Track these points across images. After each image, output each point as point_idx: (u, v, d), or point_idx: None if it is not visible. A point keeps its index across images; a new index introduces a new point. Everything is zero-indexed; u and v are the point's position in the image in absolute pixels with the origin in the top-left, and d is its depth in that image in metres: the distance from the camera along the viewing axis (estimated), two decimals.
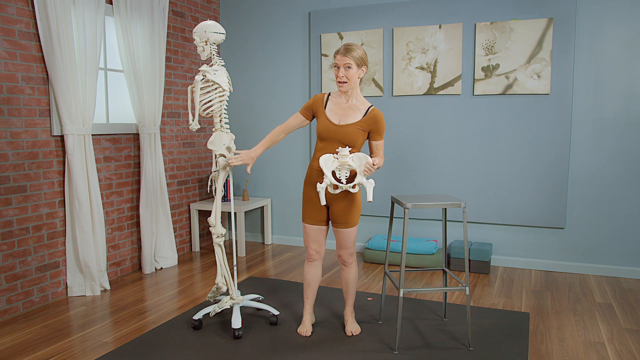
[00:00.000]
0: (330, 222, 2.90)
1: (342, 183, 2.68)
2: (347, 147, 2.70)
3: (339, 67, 2.69)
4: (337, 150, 2.71)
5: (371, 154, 2.82)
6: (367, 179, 2.59)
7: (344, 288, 2.98)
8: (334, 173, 2.72)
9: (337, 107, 2.79)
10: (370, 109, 2.74)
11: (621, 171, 3.99)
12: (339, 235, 2.84)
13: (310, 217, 2.86)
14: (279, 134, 2.89)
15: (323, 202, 2.59)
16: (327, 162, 2.65)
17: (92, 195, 3.67)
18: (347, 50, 2.67)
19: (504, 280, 3.99)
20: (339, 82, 2.70)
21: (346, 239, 2.83)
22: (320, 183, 2.64)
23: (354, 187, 2.66)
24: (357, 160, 2.63)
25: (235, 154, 3.22)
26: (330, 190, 2.66)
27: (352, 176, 2.72)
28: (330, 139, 2.74)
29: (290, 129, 2.90)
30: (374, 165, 2.54)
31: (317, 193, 2.80)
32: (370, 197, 2.53)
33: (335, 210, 2.80)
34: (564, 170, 4.11)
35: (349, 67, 2.67)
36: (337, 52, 2.70)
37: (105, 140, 3.96)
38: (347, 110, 2.76)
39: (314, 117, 2.87)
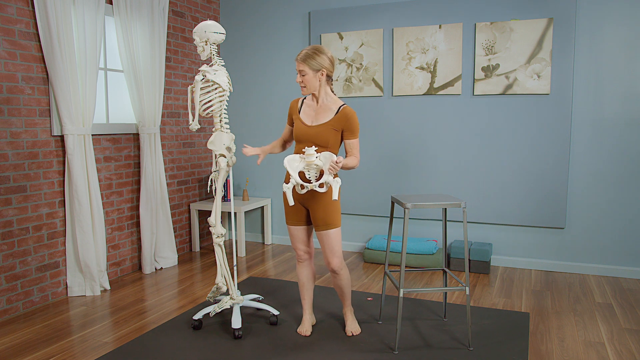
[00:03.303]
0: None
1: (310, 183, 2.68)
2: (314, 146, 2.68)
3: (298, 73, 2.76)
4: (303, 150, 2.72)
5: (346, 154, 2.82)
6: (333, 177, 2.59)
7: (338, 292, 2.97)
8: (303, 173, 2.73)
9: (309, 109, 2.82)
10: (342, 107, 2.74)
11: (621, 171, 3.99)
12: (322, 239, 2.79)
13: (290, 219, 2.87)
14: (278, 144, 3.05)
15: (291, 202, 2.56)
16: (292, 163, 2.64)
17: (92, 195, 3.67)
18: (301, 57, 2.70)
19: (504, 280, 3.99)
20: (301, 87, 2.78)
21: (329, 241, 2.77)
22: (287, 184, 2.63)
23: (320, 186, 2.65)
24: (323, 159, 2.61)
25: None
26: (298, 190, 2.65)
27: (322, 175, 2.69)
28: (304, 140, 2.77)
29: (286, 140, 3.04)
30: (337, 163, 2.53)
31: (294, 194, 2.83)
32: (335, 196, 2.52)
33: (313, 212, 2.78)
34: (564, 170, 4.11)
35: (304, 74, 2.71)
36: (296, 58, 2.74)
37: (105, 140, 3.96)
38: (318, 111, 2.78)
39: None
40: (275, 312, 3.12)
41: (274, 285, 3.87)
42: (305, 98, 2.88)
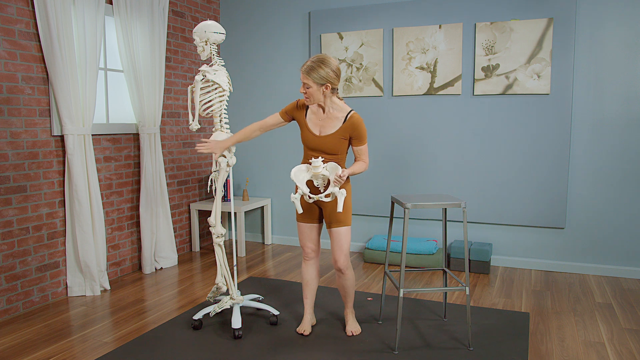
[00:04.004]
0: (325, 223, 2.92)
1: (318, 190, 2.78)
2: (320, 157, 2.73)
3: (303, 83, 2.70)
4: (310, 160, 2.75)
5: (355, 159, 2.84)
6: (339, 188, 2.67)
7: (342, 293, 2.99)
8: (311, 182, 2.79)
9: (316, 117, 2.80)
10: (349, 115, 2.72)
11: (621, 171, 3.99)
12: (332, 236, 2.83)
13: (303, 216, 2.90)
14: (254, 130, 2.92)
15: (299, 210, 2.67)
16: (298, 174, 2.70)
17: (92, 195, 3.67)
18: (305, 70, 2.63)
19: (504, 280, 3.99)
20: (305, 97, 2.72)
21: (339, 239, 2.81)
22: (295, 194, 2.70)
23: (327, 196, 2.70)
24: (330, 169, 2.67)
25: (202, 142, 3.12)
26: (305, 199, 2.72)
27: (329, 184, 2.76)
28: (314, 149, 2.78)
29: (268, 128, 2.92)
30: (341, 177, 2.58)
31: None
32: (340, 208, 2.58)
33: (325, 209, 2.83)
34: (564, 170, 4.11)
35: (308, 87, 2.65)
36: (301, 69, 2.69)
37: (105, 140, 3.96)
38: (325, 120, 2.77)
39: (292, 119, 2.90)
40: (275, 312, 3.12)
41: (274, 285, 3.87)
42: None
